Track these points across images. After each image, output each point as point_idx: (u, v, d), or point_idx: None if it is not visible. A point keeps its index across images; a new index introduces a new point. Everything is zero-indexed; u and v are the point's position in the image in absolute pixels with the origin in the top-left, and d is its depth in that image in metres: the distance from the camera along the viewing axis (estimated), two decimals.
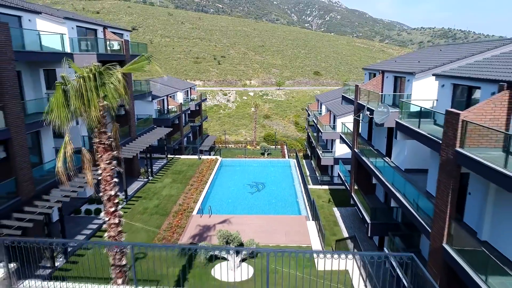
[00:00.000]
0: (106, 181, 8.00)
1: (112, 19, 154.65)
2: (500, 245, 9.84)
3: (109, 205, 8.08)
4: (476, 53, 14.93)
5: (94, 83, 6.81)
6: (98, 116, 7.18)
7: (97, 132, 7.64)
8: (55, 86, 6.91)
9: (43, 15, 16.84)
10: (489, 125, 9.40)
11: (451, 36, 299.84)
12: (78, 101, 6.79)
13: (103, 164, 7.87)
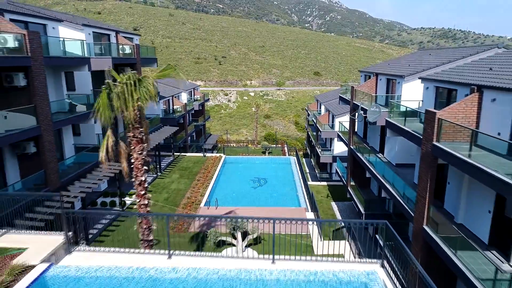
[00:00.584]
0: (138, 169, 9.60)
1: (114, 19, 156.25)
2: (472, 226, 11.45)
3: (140, 189, 9.70)
4: (459, 58, 16.55)
5: (133, 87, 8.39)
6: (134, 115, 8.78)
7: (132, 128, 9.25)
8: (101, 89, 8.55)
9: (65, 23, 18.45)
10: (461, 122, 11.01)
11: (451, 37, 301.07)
12: (119, 102, 8.40)
13: (136, 154, 9.46)
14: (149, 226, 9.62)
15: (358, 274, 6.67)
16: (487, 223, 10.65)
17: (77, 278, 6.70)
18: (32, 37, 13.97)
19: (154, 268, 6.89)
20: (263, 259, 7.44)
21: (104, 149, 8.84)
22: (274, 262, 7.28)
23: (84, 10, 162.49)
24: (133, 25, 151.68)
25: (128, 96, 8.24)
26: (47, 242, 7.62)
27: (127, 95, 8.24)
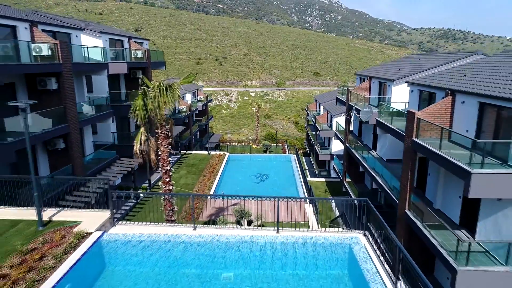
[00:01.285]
0: (164, 159, 11.54)
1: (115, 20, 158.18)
2: (446, 210, 13.40)
3: (165, 176, 11.64)
4: (443, 64, 18.49)
5: (164, 93, 10.33)
6: (163, 115, 10.71)
7: (160, 126, 11.18)
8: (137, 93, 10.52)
9: (86, 31, 20.38)
10: (437, 122, 12.96)
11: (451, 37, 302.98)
12: (153, 104, 10.33)
13: (163, 147, 11.38)
14: (172, 208, 11.55)
15: (344, 238, 8.61)
16: (458, 207, 12.60)
17: (125, 241, 8.63)
18: (63, 46, 15.91)
19: (184, 235, 8.83)
20: (270, 230, 9.38)
21: (138, 143, 10.81)
22: (279, 232, 9.22)
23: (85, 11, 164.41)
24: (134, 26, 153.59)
25: (160, 99, 10.17)
26: (95, 217, 9.57)
27: (159, 99, 10.17)
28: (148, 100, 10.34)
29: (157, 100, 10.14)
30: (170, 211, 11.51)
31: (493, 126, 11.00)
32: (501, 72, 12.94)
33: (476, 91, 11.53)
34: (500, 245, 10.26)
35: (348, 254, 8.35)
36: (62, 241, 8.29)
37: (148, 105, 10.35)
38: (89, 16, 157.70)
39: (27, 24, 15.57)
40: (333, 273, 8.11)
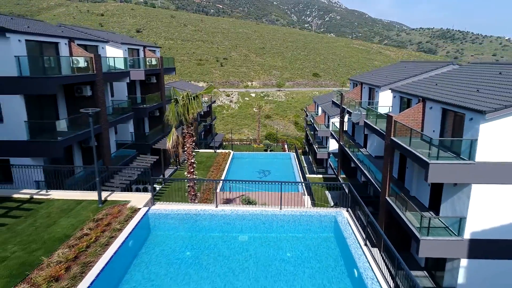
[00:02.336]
0: (189, 154, 14.44)
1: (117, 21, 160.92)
2: (419, 197, 16.33)
3: (190, 168, 14.56)
4: (423, 72, 21.42)
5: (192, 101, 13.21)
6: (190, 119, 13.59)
7: (186, 126, 14.07)
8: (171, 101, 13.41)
9: (110, 43, 23.27)
10: (410, 124, 15.87)
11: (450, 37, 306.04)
12: (183, 110, 13.22)
13: (188, 144, 14.28)
14: (195, 193, 14.44)
15: (331, 212, 11.53)
16: (427, 194, 15.52)
17: (165, 214, 11.54)
18: (96, 59, 18.81)
19: (210, 210, 11.75)
20: (274, 207, 12.29)
21: (170, 140, 13.72)
22: (281, 209, 12.13)
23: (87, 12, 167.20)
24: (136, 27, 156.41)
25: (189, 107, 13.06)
26: (140, 197, 12.47)
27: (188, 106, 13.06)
28: (178, 107, 13.27)
29: (186, 107, 13.04)
30: (194, 196, 14.41)
31: (451, 127, 13.93)
32: (462, 82, 15.87)
33: (439, 99, 14.45)
34: (455, 220, 13.17)
35: (333, 222, 11.26)
36: (120, 213, 11.19)
37: (179, 111, 13.28)
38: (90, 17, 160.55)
39: (66, 40, 18.45)
40: (322, 235, 11.01)
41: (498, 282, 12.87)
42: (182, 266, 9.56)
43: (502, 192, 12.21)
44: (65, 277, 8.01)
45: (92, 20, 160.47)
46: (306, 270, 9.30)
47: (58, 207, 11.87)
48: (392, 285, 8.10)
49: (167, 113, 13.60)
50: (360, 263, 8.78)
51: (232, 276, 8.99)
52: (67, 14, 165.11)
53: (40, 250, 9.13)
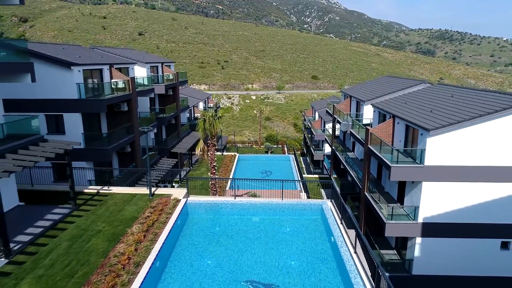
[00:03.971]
0: (212, 159, 19.08)
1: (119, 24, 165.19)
2: (391, 192, 20.97)
3: (212, 169, 19.19)
4: (399, 89, 26.02)
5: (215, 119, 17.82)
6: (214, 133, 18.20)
7: (210, 138, 18.70)
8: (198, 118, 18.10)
9: (138, 64, 27.87)
10: (383, 135, 20.50)
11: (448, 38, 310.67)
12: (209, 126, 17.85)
13: (211, 152, 18.91)
14: (216, 189, 19.05)
15: (319, 202, 16.18)
16: (396, 189, 20.17)
17: (199, 203, 16.17)
18: (132, 80, 23.43)
19: (230, 200, 16.39)
20: (277, 199, 16.92)
21: (198, 149, 18.36)
22: (283, 199, 16.76)
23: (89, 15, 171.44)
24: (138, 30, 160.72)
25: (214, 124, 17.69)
26: (178, 192, 17.08)
27: (214, 123, 17.69)
28: (206, 124, 17.91)
29: (212, 125, 17.68)
30: (215, 191, 19.05)
31: (411, 139, 18.58)
32: (424, 102, 20.52)
33: (403, 117, 19.10)
34: (411, 208, 17.81)
35: (320, 209, 15.90)
36: (167, 202, 15.80)
37: (206, 127, 17.92)
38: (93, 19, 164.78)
39: (107, 66, 23.06)
40: (312, 217, 15.64)
41: (442, 254, 17.52)
42: (214, 236, 14.19)
43: (444, 187, 16.84)
44: (144, 240, 12.63)
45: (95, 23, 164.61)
46: (299, 239, 13.93)
47: (120, 199, 16.48)
48: (353, 243, 12.72)
49: (197, 128, 18.27)
50: (335, 234, 13.42)
51: (249, 242, 13.61)
52: (69, 17, 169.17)
53: (121, 226, 13.74)
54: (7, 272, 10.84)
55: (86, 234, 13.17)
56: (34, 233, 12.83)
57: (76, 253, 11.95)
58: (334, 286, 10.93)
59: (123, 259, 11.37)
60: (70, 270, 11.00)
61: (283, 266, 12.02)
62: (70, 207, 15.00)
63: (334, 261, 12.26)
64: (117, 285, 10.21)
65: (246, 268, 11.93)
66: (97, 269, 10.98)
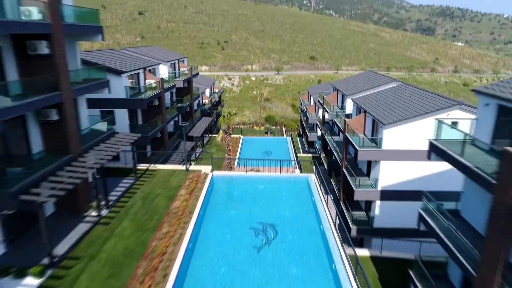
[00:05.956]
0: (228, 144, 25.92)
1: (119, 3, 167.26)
2: (363, 169, 28.01)
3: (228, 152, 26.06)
4: (375, 86, 32.56)
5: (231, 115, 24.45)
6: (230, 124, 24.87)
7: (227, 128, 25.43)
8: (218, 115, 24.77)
9: (162, 63, 34.14)
10: (356, 126, 27.29)
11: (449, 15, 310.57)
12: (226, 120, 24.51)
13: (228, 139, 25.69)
14: (231, 166, 25.97)
15: (306, 175, 23.24)
16: (365, 166, 27.18)
17: (221, 176, 23.20)
18: (162, 81, 29.89)
19: (243, 174, 23.43)
20: (277, 173, 23.91)
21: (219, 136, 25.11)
22: (280, 173, 23.77)
23: None
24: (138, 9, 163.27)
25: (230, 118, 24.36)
26: (205, 168, 24.06)
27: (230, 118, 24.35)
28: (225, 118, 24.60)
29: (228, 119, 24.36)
30: (230, 168, 26.01)
31: (377, 129, 25.41)
32: (389, 100, 27.16)
33: (371, 112, 25.82)
34: (374, 180, 24.88)
35: (307, 180, 22.96)
36: (199, 176, 22.76)
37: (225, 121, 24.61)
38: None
39: (142, 70, 29.44)
40: (301, 186, 22.72)
41: (392, 212, 24.75)
42: (233, 198, 21.26)
43: (395, 165, 23.82)
44: (190, 199, 19.65)
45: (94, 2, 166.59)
46: (292, 199, 21.01)
47: (165, 173, 23.43)
48: (326, 201, 19.78)
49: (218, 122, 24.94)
50: (315, 196, 20.49)
51: (257, 201, 20.69)
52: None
53: (172, 191, 20.74)
54: (111, 216, 17.90)
55: (150, 196, 20.21)
56: (118, 194, 19.87)
57: (148, 207, 19.01)
58: (312, 225, 18.05)
59: (180, 209, 18.43)
60: (149, 216, 18.08)
61: (280, 215, 19.14)
62: (134, 178, 22.00)
63: (313, 212, 19.38)
64: (181, 223, 17.29)
65: (256, 216, 19.03)
66: (165, 216, 18.04)
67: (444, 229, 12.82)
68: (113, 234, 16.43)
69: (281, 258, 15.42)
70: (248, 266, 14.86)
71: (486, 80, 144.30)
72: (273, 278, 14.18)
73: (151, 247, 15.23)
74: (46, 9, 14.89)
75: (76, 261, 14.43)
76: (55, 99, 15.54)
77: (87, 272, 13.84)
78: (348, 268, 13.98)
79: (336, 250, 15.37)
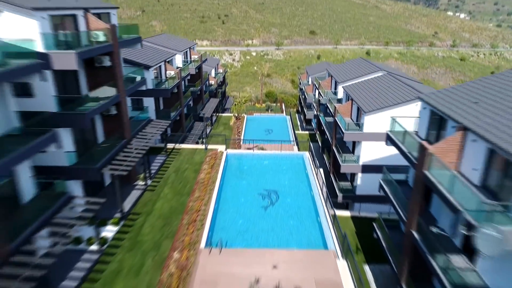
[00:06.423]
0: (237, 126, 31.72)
1: None
2: (349, 147, 34.08)
3: (238, 133, 31.92)
4: (364, 74, 37.95)
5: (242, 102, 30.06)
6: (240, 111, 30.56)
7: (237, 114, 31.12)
8: None
9: (178, 52, 39.24)
10: (345, 111, 33.08)
11: None
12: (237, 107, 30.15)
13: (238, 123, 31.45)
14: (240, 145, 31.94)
15: (301, 153, 29.35)
16: (351, 145, 33.22)
17: (233, 154, 29.30)
18: (179, 71, 35.25)
19: (251, 152, 29.54)
20: (278, 151, 30.02)
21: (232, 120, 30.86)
22: (281, 151, 29.87)
23: None
24: None
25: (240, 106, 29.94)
26: (221, 147, 30.09)
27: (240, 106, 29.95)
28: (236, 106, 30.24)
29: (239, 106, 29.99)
30: (239, 146, 32.02)
31: (360, 115, 31.21)
32: (373, 89, 32.75)
33: (356, 100, 31.51)
34: (356, 156, 31.03)
35: (302, 157, 29.08)
36: (217, 153, 28.81)
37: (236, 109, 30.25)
38: None
39: (163, 62, 34.67)
40: (297, 161, 28.83)
41: (369, 182, 31.06)
42: (243, 171, 27.42)
43: (372, 144, 29.85)
44: (211, 172, 25.80)
45: None
46: (291, 171, 27.20)
47: (188, 151, 29.46)
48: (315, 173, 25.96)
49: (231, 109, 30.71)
50: (308, 169, 26.68)
51: (263, 173, 26.87)
52: None
53: (197, 165, 26.86)
54: (154, 185, 24.11)
55: (181, 169, 26.35)
56: (155, 168, 26.01)
57: (181, 178, 25.19)
58: (304, 191, 24.32)
59: (205, 180, 24.62)
60: (182, 185, 24.29)
61: (281, 183, 25.37)
62: (165, 155, 28.07)
63: (306, 182, 25.62)
64: (207, 190, 23.50)
65: (262, 184, 25.25)
66: (194, 184, 24.24)
67: (392, 192, 19.05)
68: (159, 198, 22.71)
69: (281, 214, 21.78)
70: (258, 219, 21.23)
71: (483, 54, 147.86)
72: (276, 227, 20.56)
73: (189, 206, 21.53)
74: (108, 33, 20.31)
75: (138, 216, 20.78)
76: (116, 99, 21.28)
77: (147, 222, 20.20)
78: (328, 220, 20.33)
79: (321, 208, 21.70)
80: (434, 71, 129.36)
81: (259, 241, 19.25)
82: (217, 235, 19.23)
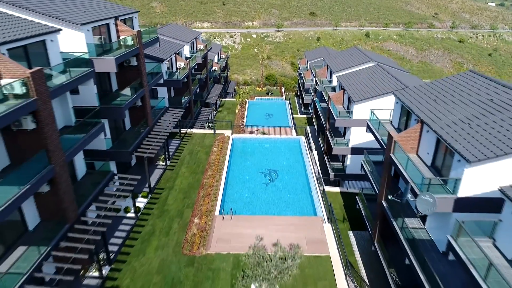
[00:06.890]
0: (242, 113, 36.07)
1: None
2: (341, 132, 38.60)
3: (242, 119, 36.34)
4: (355, 65, 41.97)
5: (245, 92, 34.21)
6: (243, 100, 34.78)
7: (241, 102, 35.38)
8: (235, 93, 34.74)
9: (186, 44, 43.01)
10: (337, 99, 37.36)
11: None
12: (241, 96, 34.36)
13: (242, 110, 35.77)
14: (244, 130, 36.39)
15: (298, 137, 33.87)
16: (342, 130, 37.73)
17: (239, 138, 33.85)
18: (189, 62, 39.28)
19: (254, 136, 34.06)
20: (277, 135, 34.50)
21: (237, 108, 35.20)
22: (280, 135, 34.36)
23: None
24: None
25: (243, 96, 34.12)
26: (228, 132, 34.55)
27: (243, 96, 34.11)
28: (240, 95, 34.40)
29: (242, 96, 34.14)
30: (244, 131, 36.48)
31: (350, 103, 35.55)
32: (363, 80, 36.91)
33: (347, 90, 35.74)
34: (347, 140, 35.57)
35: (298, 141, 33.59)
36: (224, 137, 33.30)
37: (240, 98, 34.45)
38: None
39: (174, 54, 38.60)
40: (294, 144, 33.36)
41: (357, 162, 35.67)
42: (248, 152, 31.97)
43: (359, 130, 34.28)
44: (221, 154, 30.36)
45: None
46: (288, 153, 31.76)
47: (198, 135, 33.95)
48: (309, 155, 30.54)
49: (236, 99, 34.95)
50: (303, 151, 31.25)
51: (264, 155, 31.45)
52: None
53: (207, 148, 31.41)
54: (172, 165, 28.73)
55: (194, 151, 30.91)
56: (172, 150, 30.57)
57: (194, 159, 29.78)
58: (300, 170, 28.95)
59: (216, 161, 29.21)
60: (196, 165, 28.91)
61: (280, 163, 29.99)
62: (179, 139, 32.57)
63: (301, 162, 30.24)
64: (218, 169, 28.10)
65: (264, 165, 29.86)
66: (207, 164, 28.83)
67: (370, 170, 23.70)
68: (178, 176, 27.39)
69: (280, 189, 26.52)
70: (261, 193, 25.98)
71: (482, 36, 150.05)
72: (276, 199, 25.33)
73: (204, 182, 26.22)
74: (135, 38, 24.39)
75: (162, 190, 25.49)
76: (142, 93, 25.57)
77: (171, 196, 24.93)
78: (319, 193, 25.06)
79: (313, 184, 26.43)
80: (433, 53, 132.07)
81: (262, 210, 24.05)
82: (228, 205, 24.01)
